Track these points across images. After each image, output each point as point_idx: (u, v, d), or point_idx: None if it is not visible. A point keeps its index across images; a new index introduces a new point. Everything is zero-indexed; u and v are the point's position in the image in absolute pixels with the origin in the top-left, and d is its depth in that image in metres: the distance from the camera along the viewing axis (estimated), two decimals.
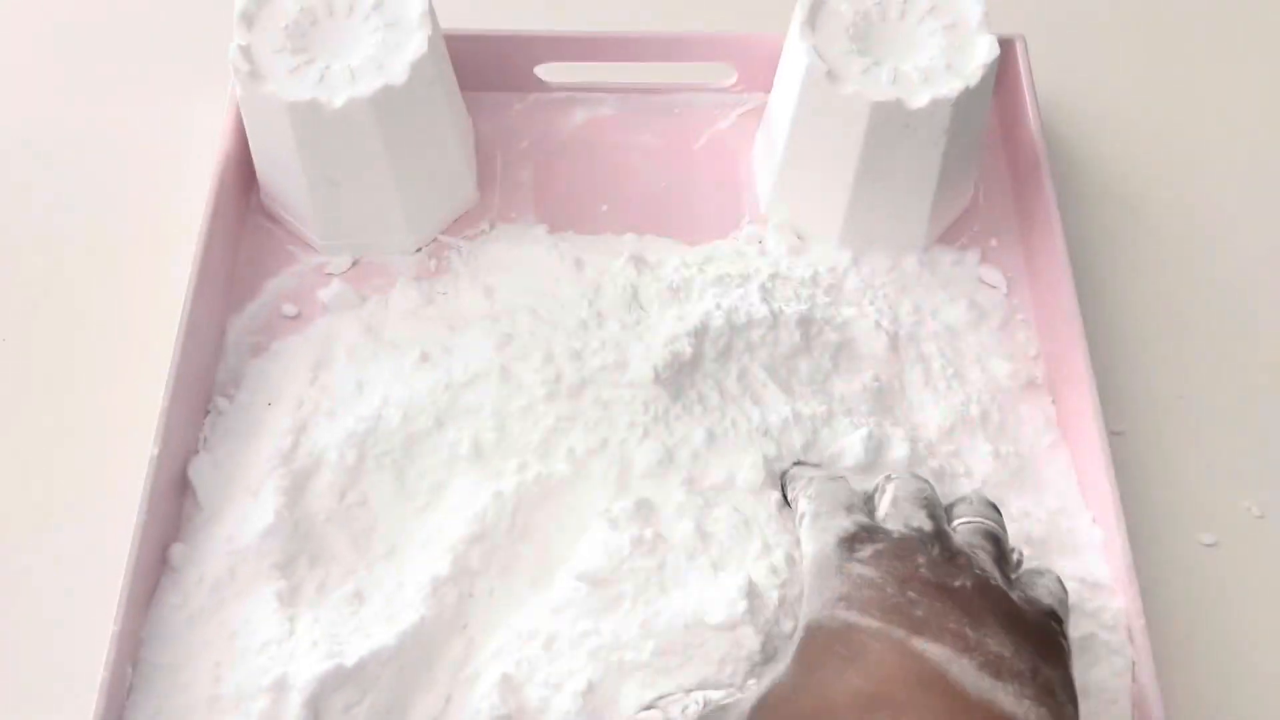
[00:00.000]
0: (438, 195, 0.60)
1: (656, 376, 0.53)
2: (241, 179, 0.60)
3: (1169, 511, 0.55)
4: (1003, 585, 0.43)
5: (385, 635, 0.47)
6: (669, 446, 0.52)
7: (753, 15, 0.67)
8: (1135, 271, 0.62)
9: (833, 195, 0.59)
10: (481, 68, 0.64)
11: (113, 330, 0.59)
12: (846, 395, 0.55)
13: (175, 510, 0.52)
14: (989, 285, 0.61)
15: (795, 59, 0.57)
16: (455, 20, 0.62)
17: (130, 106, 0.67)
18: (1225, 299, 0.62)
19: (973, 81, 0.56)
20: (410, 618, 0.48)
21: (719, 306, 0.55)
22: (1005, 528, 0.47)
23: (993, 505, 0.48)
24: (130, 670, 0.48)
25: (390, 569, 0.50)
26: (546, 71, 0.66)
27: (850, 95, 0.55)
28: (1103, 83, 0.69)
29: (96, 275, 0.61)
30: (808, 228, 0.61)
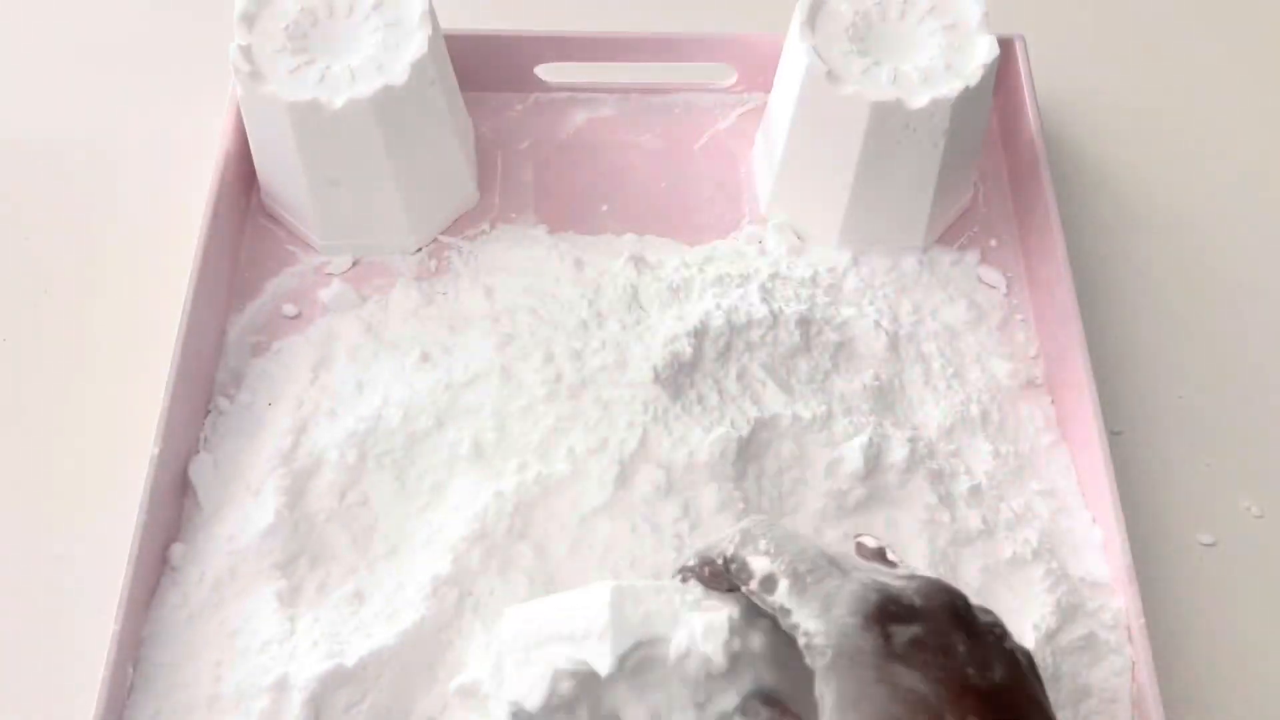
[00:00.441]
0: (438, 195, 0.60)
1: (656, 376, 0.53)
2: (242, 179, 0.61)
3: (1168, 511, 0.55)
4: (1028, 672, 0.37)
5: (386, 635, 0.47)
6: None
7: (753, 15, 0.67)
8: (1135, 271, 0.62)
9: (832, 195, 0.59)
10: (481, 68, 0.64)
11: (113, 330, 0.59)
12: (846, 395, 0.55)
13: (176, 510, 0.52)
14: (988, 285, 0.61)
15: (795, 59, 0.57)
16: (455, 20, 0.62)
17: (131, 107, 0.67)
18: (1225, 299, 0.62)
19: (973, 81, 0.56)
20: (410, 617, 0.48)
21: (719, 306, 0.55)
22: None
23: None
24: (131, 670, 0.48)
25: (391, 569, 0.50)
26: (546, 71, 0.66)
27: (850, 95, 0.55)
28: (1103, 83, 0.69)
29: (97, 275, 0.61)
30: (807, 228, 0.61)
